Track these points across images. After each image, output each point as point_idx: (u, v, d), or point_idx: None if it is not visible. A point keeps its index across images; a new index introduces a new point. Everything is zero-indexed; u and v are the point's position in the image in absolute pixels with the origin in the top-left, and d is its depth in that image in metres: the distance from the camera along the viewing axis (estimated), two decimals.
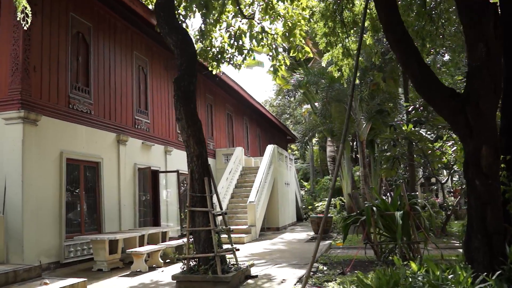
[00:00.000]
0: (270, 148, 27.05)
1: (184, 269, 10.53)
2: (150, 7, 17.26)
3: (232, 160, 26.10)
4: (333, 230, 23.51)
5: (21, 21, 10.60)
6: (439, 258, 11.25)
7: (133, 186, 17.75)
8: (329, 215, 23.70)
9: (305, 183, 43.44)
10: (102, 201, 15.76)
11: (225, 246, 10.86)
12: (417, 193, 33.52)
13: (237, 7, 16.57)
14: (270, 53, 17.76)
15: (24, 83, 12.62)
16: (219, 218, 12.39)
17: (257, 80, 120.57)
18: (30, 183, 12.47)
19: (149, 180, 18.83)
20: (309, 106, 35.31)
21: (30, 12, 10.52)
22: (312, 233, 22.99)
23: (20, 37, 12.69)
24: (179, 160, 21.85)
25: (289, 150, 51.81)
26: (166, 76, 21.88)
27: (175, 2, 16.56)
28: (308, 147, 35.35)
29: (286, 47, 18.13)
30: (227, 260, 10.93)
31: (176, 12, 16.68)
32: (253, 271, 11.60)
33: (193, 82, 11.52)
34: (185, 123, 10.97)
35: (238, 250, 11.22)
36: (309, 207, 29.48)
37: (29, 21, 10.55)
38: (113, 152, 16.62)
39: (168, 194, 20.62)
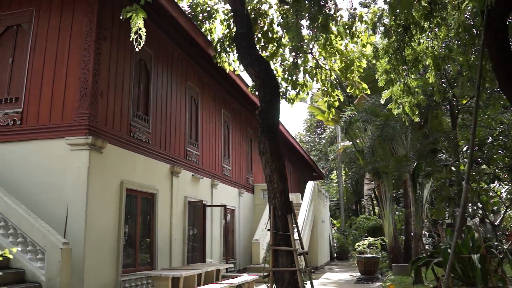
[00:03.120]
0: (311, 185, 26.52)
1: None
2: (209, 37, 16.95)
3: None
4: (378, 271, 22.91)
5: (134, 42, 10.23)
6: None
7: (183, 219, 17.18)
8: (374, 255, 23.09)
9: (334, 221, 42.71)
10: (156, 235, 15.17)
11: None
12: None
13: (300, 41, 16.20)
14: (324, 88, 17.34)
15: (92, 109, 12.16)
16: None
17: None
18: (93, 213, 11.90)
19: (198, 214, 18.30)
20: (346, 143, 34.92)
21: (145, 33, 10.15)
22: (356, 274, 22.35)
23: (91, 61, 12.29)
24: (223, 194, 21.44)
25: None
26: (214, 108, 21.51)
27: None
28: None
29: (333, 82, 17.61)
30: None
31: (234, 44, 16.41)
32: None
33: (277, 115, 11.09)
34: (270, 157, 10.47)
35: None
36: (355, 246, 28.68)
37: (142, 42, 10.19)
38: (167, 183, 16.10)
39: (213, 229, 20.03)
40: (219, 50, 16.41)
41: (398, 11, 13.33)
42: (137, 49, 10.46)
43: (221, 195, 21.06)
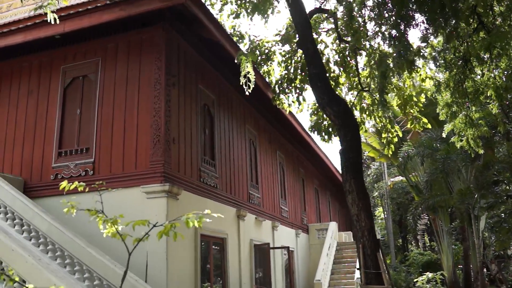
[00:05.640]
0: None
1: None
2: (267, 79, 17.03)
3: (328, 235, 25.33)
4: None
5: (243, 85, 10.30)
6: None
7: (249, 263, 17.01)
8: None
9: None
10: (228, 279, 14.99)
11: None
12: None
13: (358, 78, 16.22)
14: (382, 125, 17.23)
15: (166, 156, 12.11)
16: None
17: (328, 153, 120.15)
18: (173, 261, 11.77)
19: (264, 256, 18.14)
20: (396, 179, 34.69)
21: (254, 77, 10.23)
22: None
23: (162, 108, 12.29)
24: (283, 235, 21.29)
25: None
26: (270, 150, 21.51)
27: (292, 76, 16.36)
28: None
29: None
30: None
31: (293, 85, 16.46)
32: None
33: (360, 153, 10.98)
34: (356, 196, 10.36)
35: None
36: (415, 281, 28.12)
37: (251, 86, 10.26)
38: (234, 227, 15.99)
39: (276, 271, 19.81)
40: (278, 91, 16.46)
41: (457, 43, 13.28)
42: (247, 93, 10.51)
43: (281, 237, 20.92)
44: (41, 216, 11.32)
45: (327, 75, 16.73)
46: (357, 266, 10.52)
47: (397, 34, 10.75)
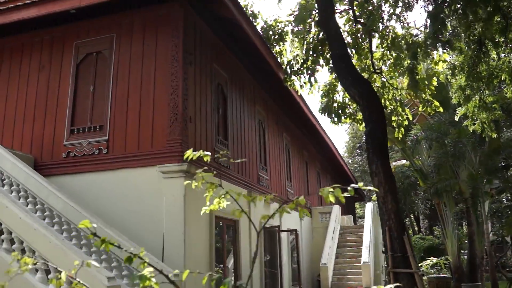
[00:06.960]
0: (370, 206, 26.29)
1: None
2: (278, 59, 16.77)
3: (332, 219, 25.20)
4: None
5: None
6: None
7: (259, 245, 16.82)
8: (446, 275, 22.59)
9: None
10: (240, 262, 14.81)
11: None
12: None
13: (371, 61, 15.98)
14: (391, 107, 17.04)
15: (183, 135, 11.80)
16: None
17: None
18: (190, 242, 11.51)
19: (273, 239, 18.00)
20: (398, 163, 34.55)
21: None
22: None
23: (179, 86, 11.97)
24: (289, 218, 21.05)
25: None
26: (277, 132, 21.28)
27: (304, 57, 16.07)
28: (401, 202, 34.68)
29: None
30: None
31: (305, 66, 16.17)
32: None
33: (386, 134, 10.74)
34: (383, 178, 10.13)
35: None
36: (419, 266, 28.30)
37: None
38: (245, 209, 15.68)
39: (282, 253, 19.66)
40: (289, 72, 16.20)
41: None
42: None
43: (287, 220, 20.71)
44: (55, 195, 11.01)
45: None
46: (383, 250, 10.27)
47: (432, 14, 10.44)
